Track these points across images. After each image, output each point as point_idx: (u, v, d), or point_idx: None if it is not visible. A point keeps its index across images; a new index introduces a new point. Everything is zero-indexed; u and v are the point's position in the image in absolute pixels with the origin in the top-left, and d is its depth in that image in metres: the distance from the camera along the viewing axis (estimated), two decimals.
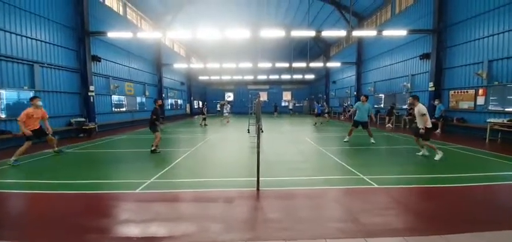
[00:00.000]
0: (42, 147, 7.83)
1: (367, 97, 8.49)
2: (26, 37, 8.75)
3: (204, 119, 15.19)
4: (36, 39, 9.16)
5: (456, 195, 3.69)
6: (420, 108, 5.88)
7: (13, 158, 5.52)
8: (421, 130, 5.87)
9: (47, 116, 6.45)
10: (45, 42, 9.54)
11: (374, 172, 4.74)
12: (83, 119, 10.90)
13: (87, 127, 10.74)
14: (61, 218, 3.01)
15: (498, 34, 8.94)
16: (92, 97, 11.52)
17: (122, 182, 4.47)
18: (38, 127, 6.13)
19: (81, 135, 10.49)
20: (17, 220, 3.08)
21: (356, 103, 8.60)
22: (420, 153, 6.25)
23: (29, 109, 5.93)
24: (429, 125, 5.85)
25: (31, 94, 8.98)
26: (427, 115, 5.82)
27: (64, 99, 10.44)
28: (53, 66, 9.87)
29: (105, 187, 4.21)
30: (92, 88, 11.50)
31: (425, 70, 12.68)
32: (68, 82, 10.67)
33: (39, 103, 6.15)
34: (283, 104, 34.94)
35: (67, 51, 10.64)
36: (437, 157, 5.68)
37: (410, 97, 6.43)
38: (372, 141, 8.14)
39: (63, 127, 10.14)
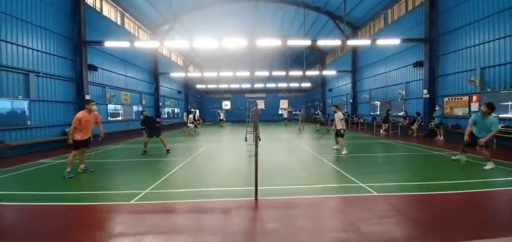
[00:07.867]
0: (37, 157, 7.65)
1: (337, 106, 8.58)
2: (22, 46, 8.70)
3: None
4: (33, 49, 9.10)
5: (455, 202, 3.68)
6: (340, 114, 7.78)
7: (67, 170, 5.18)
8: (342, 131, 7.65)
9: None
10: (42, 52, 9.48)
11: (372, 180, 4.70)
12: None
13: None
14: (52, 232, 2.90)
15: (489, 42, 9.18)
16: None
17: (116, 193, 4.36)
18: (89, 135, 5.79)
19: None
20: (5, 234, 2.95)
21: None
22: (334, 147, 8.12)
23: (81, 113, 5.58)
24: (344, 127, 7.76)
25: (25, 103, 8.87)
26: (344, 120, 7.78)
27: (58, 108, 10.29)
28: (48, 76, 9.78)
29: (99, 198, 4.09)
30: (87, 97, 11.39)
31: (419, 77, 12.89)
32: (62, 91, 10.56)
33: (94, 107, 5.82)
34: (279, 112, 34.98)
35: (63, 61, 10.59)
36: (344, 152, 7.46)
37: (333, 106, 8.54)
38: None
39: (56, 137, 9.95)
